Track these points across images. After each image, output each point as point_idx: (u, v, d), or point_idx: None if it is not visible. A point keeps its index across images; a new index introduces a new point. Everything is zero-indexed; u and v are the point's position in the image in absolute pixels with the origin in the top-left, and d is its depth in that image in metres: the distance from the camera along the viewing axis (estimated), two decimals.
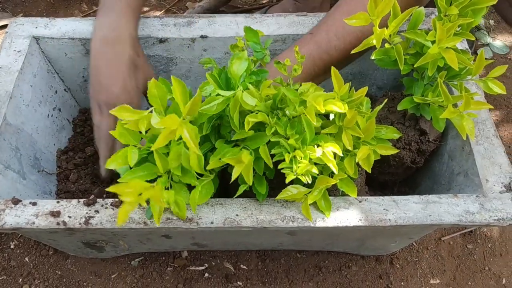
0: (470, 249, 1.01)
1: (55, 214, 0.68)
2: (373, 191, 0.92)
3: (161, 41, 0.92)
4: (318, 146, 0.63)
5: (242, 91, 0.63)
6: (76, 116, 1.02)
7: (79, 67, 0.96)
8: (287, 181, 0.63)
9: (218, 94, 0.65)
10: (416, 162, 0.83)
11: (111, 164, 0.61)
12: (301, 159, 0.63)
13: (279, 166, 0.64)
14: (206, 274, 0.96)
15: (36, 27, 0.91)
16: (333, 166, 0.62)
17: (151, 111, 0.59)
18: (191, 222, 0.68)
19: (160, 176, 0.63)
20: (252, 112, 0.64)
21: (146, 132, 0.60)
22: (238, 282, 0.95)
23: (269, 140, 0.65)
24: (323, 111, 0.63)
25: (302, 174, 0.63)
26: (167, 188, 0.64)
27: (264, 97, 0.68)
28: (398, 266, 0.98)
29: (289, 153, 0.63)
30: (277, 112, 0.68)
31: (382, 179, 0.91)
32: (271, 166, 0.64)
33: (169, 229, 0.68)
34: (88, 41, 0.91)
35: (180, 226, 0.68)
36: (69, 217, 0.68)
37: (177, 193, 0.66)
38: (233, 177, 0.61)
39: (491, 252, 1.01)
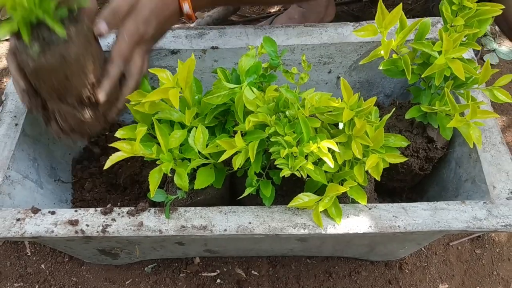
0: (478, 254, 1.02)
1: (74, 222, 0.70)
2: (382, 198, 0.93)
3: (173, 52, 0.94)
4: (314, 143, 0.65)
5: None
6: None
7: None
8: (281, 174, 0.65)
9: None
10: (424, 169, 0.85)
11: (120, 132, 0.69)
12: (297, 155, 0.65)
13: (276, 162, 0.66)
14: (218, 280, 0.98)
15: None
16: (328, 160, 0.64)
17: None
18: (205, 229, 0.70)
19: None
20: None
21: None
22: None
23: (268, 140, 0.68)
24: (316, 106, 0.66)
25: (297, 170, 0.65)
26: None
27: (267, 100, 0.70)
28: (407, 271, 0.99)
29: (285, 148, 0.65)
30: (279, 114, 0.70)
31: (391, 186, 0.92)
32: (252, 159, 0.65)
33: (183, 236, 0.70)
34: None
35: (194, 234, 0.70)
36: (87, 225, 0.70)
37: (179, 166, 0.69)
38: (223, 157, 0.65)
39: (499, 257, 1.02)
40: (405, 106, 0.88)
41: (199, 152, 0.69)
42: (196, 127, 0.69)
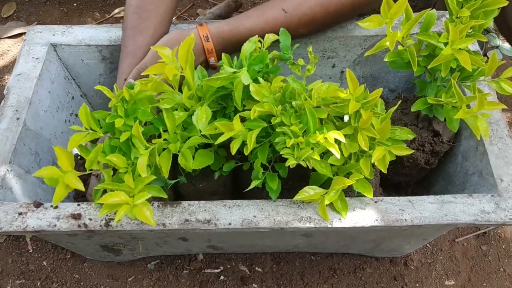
0: (484, 250, 1.01)
1: (76, 216, 0.70)
2: (387, 192, 0.92)
3: None
4: (321, 133, 0.64)
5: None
6: None
7: (95, 73, 0.98)
8: (286, 164, 0.64)
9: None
10: (430, 163, 0.84)
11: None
12: (303, 145, 0.64)
13: (281, 152, 0.65)
14: (222, 277, 0.97)
15: (54, 35, 0.93)
16: (335, 150, 0.63)
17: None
18: (209, 223, 0.69)
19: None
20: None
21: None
22: (254, 285, 0.96)
23: (273, 130, 0.68)
24: (323, 96, 0.65)
25: (303, 160, 0.64)
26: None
27: (274, 91, 0.69)
28: (412, 267, 0.98)
29: (291, 138, 0.64)
30: (285, 105, 0.69)
31: (396, 181, 0.91)
32: (250, 148, 0.64)
33: (187, 230, 0.69)
34: (104, 48, 0.93)
35: (198, 228, 0.69)
36: (90, 219, 0.69)
37: (183, 146, 0.69)
38: (220, 139, 0.64)
39: (505, 253, 1.01)
40: (410, 100, 0.87)
41: (200, 132, 0.69)
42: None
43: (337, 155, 0.62)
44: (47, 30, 0.94)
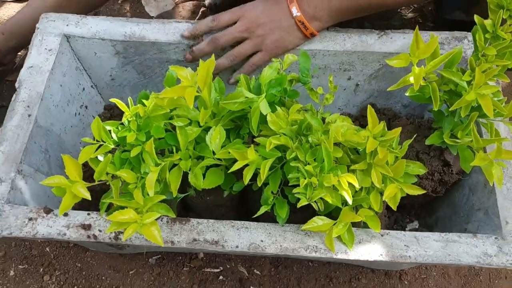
0: (477, 270, 1.04)
1: (86, 227, 0.70)
2: (390, 212, 0.94)
3: (192, 46, 0.91)
4: (335, 176, 0.64)
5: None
6: (101, 113, 1.02)
7: (107, 67, 0.96)
8: (298, 205, 0.65)
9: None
10: (437, 192, 0.84)
11: None
12: (316, 186, 0.64)
13: (294, 190, 0.66)
14: (221, 277, 0.99)
15: (67, 25, 0.91)
16: (347, 195, 0.64)
17: None
18: (217, 244, 0.70)
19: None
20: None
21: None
22: (251, 287, 0.98)
23: (284, 162, 0.69)
24: (341, 140, 0.65)
25: (315, 201, 0.65)
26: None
27: (291, 121, 0.69)
28: (406, 282, 1.01)
29: (305, 178, 0.64)
30: (301, 138, 0.69)
31: (401, 203, 0.92)
32: (263, 177, 0.65)
33: (194, 249, 0.71)
34: (118, 43, 0.91)
35: (206, 248, 0.70)
36: (100, 230, 0.70)
37: (194, 165, 0.70)
38: (234, 167, 0.65)
39: (496, 274, 1.04)
40: (424, 125, 0.87)
41: (213, 152, 0.69)
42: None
43: (349, 200, 0.63)
44: (61, 19, 0.91)
